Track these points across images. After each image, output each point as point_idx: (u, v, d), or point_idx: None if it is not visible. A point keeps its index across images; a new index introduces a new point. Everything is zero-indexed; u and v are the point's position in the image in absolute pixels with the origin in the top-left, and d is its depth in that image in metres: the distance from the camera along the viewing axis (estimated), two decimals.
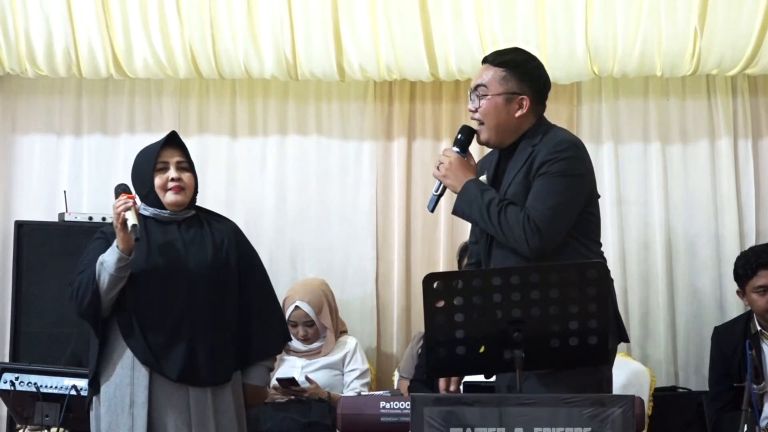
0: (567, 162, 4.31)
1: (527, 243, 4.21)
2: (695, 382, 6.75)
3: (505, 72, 4.45)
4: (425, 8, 6.62)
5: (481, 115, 4.44)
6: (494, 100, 4.42)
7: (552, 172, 4.29)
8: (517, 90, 4.43)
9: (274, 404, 6.24)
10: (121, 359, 4.76)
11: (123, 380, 4.75)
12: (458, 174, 4.42)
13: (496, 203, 4.27)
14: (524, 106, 4.42)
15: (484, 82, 4.45)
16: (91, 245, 4.82)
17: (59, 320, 6.57)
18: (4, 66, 6.94)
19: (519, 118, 4.42)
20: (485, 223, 4.32)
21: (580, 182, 4.34)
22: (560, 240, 4.25)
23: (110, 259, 4.62)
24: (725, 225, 6.91)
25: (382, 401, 4.63)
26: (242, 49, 6.76)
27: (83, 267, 4.74)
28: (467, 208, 4.37)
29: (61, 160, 7.30)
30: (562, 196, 4.27)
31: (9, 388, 5.63)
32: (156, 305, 4.74)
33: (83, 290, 4.66)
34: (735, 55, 6.53)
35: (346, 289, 6.98)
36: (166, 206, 4.84)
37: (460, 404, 3.72)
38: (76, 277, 4.72)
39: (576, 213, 4.31)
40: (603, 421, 3.62)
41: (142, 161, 4.91)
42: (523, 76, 4.46)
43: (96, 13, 6.74)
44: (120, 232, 4.61)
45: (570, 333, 3.95)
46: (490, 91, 4.43)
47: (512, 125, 4.43)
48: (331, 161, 7.21)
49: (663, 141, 7.00)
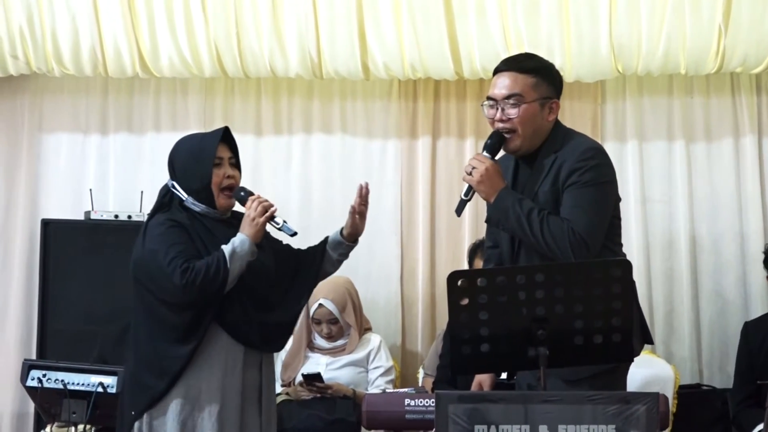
0: (596, 170, 4.33)
1: (573, 254, 4.23)
2: (719, 379, 6.75)
3: (535, 78, 4.45)
4: (450, 7, 6.63)
5: (518, 123, 4.41)
6: (532, 108, 4.42)
7: (584, 182, 4.30)
8: (548, 94, 4.45)
9: (300, 402, 6.27)
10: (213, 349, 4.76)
11: (216, 369, 4.76)
12: (493, 182, 4.40)
13: (537, 213, 4.27)
14: (555, 110, 4.45)
15: (519, 91, 4.43)
16: (171, 233, 4.72)
17: (85, 318, 6.61)
18: (31, 65, 6.97)
19: (550, 122, 4.45)
20: (524, 232, 4.32)
21: (610, 189, 4.38)
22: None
23: (243, 249, 4.66)
24: (749, 223, 6.92)
25: (406, 398, 4.61)
26: (267, 47, 6.78)
27: (185, 254, 4.67)
28: (503, 217, 4.37)
29: (88, 158, 7.33)
30: (598, 205, 4.31)
31: (36, 385, 5.64)
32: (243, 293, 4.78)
33: (213, 273, 4.61)
34: (759, 53, 6.53)
35: (371, 286, 7.00)
36: (218, 207, 4.83)
37: (485, 402, 3.73)
38: (179, 260, 4.62)
39: (609, 219, 4.33)
40: (627, 419, 3.62)
41: (196, 154, 4.85)
42: (551, 80, 4.49)
43: (122, 13, 6.76)
44: (260, 227, 4.70)
45: (594, 330, 3.95)
46: (526, 99, 4.42)
47: (545, 130, 4.45)
48: (355, 159, 7.23)
49: (687, 139, 7.01)
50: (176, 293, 4.63)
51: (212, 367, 4.75)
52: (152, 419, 4.74)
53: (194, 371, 4.74)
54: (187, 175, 4.83)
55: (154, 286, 4.73)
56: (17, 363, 6.45)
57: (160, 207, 4.87)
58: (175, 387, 4.72)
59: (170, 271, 4.61)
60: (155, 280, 4.71)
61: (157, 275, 4.68)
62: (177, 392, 4.73)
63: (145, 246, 4.76)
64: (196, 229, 4.78)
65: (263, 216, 4.70)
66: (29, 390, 5.74)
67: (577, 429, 3.64)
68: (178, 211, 4.81)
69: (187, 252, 4.66)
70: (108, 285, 6.54)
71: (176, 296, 4.64)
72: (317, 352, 6.55)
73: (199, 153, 4.83)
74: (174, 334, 4.72)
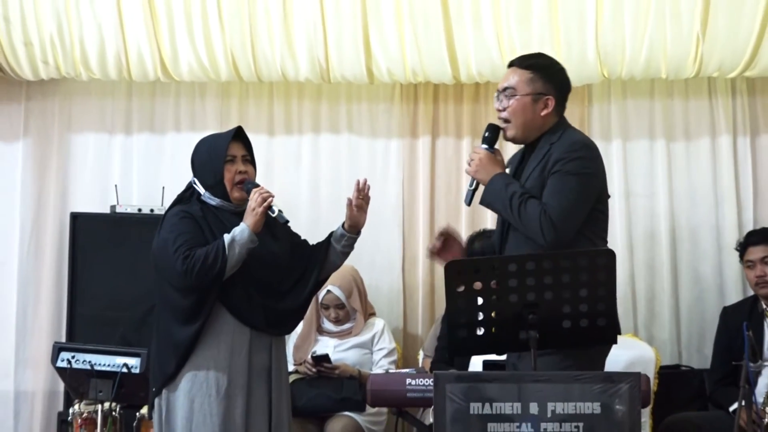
0: (579, 162, 4.32)
1: (543, 236, 4.23)
2: (697, 360, 6.74)
3: (532, 74, 4.47)
4: (448, 16, 6.61)
5: (510, 114, 4.47)
6: (522, 100, 4.45)
7: (565, 170, 4.30)
8: (543, 91, 4.45)
9: (309, 381, 6.26)
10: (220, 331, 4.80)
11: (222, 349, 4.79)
12: (487, 168, 4.46)
13: (518, 196, 4.29)
14: (549, 106, 4.44)
15: (512, 84, 4.48)
16: (181, 223, 4.79)
17: (111, 304, 6.61)
18: (61, 70, 6.97)
19: (544, 116, 4.45)
20: (507, 213, 4.35)
21: (591, 181, 4.34)
22: (573, 233, 4.26)
23: (242, 237, 4.70)
24: (725, 216, 6.90)
25: (408, 378, 4.62)
26: (279, 54, 6.77)
27: (191, 242, 4.73)
28: (492, 200, 4.41)
29: (113, 156, 7.31)
30: (574, 193, 4.28)
31: (66, 365, 5.66)
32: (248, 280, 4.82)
33: (212, 261, 4.66)
34: (735, 59, 6.52)
35: (375, 274, 6.98)
36: (233, 200, 4.88)
37: (480, 381, 3.73)
38: (183, 248, 4.69)
39: (587, 210, 4.31)
40: (612, 396, 3.61)
41: (211, 152, 4.91)
42: (549, 78, 4.49)
43: (144, 21, 6.75)
44: (260, 216, 4.72)
45: (580, 315, 3.96)
46: (518, 92, 4.46)
47: (537, 123, 4.46)
48: (360, 158, 7.22)
49: (668, 138, 6.99)
50: (178, 278, 4.71)
51: (220, 348, 4.79)
52: (169, 395, 4.80)
53: (203, 351, 4.78)
54: (203, 171, 4.91)
55: (165, 272, 4.81)
56: (48, 345, 6.47)
57: (179, 200, 4.96)
58: (186, 365, 4.77)
59: (174, 258, 4.69)
60: (166, 266, 4.78)
61: (166, 262, 4.76)
62: (187, 370, 4.78)
63: (160, 236, 4.84)
64: (207, 221, 4.84)
65: (261, 206, 4.74)
66: (59, 370, 5.76)
67: (565, 406, 3.63)
68: (194, 205, 4.88)
69: (192, 241, 4.72)
70: (131, 273, 6.54)
71: (179, 281, 4.72)
72: (326, 335, 6.55)
73: (213, 151, 4.90)
74: (181, 316, 4.78)
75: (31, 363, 7.15)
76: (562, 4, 6.53)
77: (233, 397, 4.79)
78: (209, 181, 4.88)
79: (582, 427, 3.61)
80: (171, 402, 4.80)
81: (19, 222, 7.26)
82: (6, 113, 7.36)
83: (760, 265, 5.87)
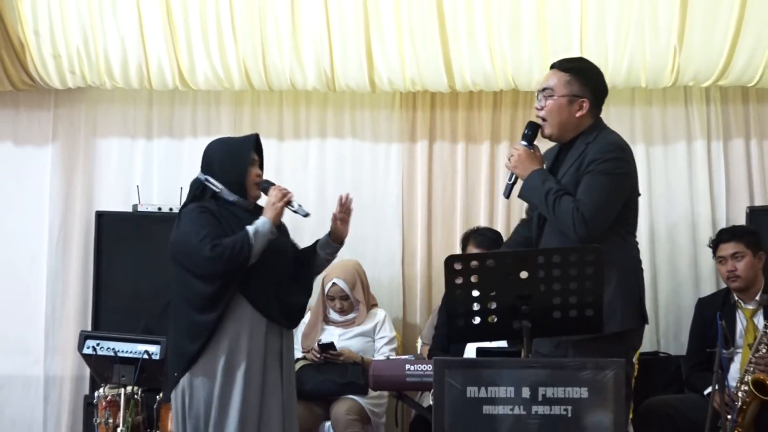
0: (612, 162, 4.33)
1: (575, 230, 4.25)
2: (674, 347, 6.73)
3: (570, 77, 4.47)
4: (444, 30, 6.60)
5: (547, 113, 4.48)
6: (559, 101, 4.45)
7: (599, 170, 4.31)
8: (578, 93, 4.45)
9: (315, 367, 6.25)
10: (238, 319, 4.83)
11: (240, 336, 4.82)
12: (526, 164, 4.47)
13: (554, 192, 4.31)
14: (584, 108, 4.45)
15: (551, 86, 4.48)
16: (201, 217, 4.83)
17: (133, 295, 6.59)
18: (86, 79, 6.95)
19: (579, 117, 4.45)
20: (543, 208, 4.37)
21: (622, 180, 4.36)
22: (604, 229, 4.28)
23: (264, 228, 4.80)
24: (700, 214, 6.90)
25: (407, 364, 4.61)
26: (288, 64, 6.75)
27: (215, 233, 4.77)
28: (530, 194, 4.44)
29: (135, 159, 7.29)
30: (606, 192, 4.29)
31: (91, 352, 5.67)
32: (265, 272, 4.87)
33: (239, 248, 4.72)
34: (709, 70, 6.52)
35: (377, 268, 6.96)
36: (250, 198, 4.98)
37: (476, 367, 3.72)
38: (209, 238, 4.74)
39: (618, 208, 4.33)
40: (598, 382, 3.61)
41: (234, 154, 4.97)
42: (586, 81, 4.49)
43: (164, 35, 6.74)
44: (279, 209, 4.86)
45: (570, 306, 3.95)
46: (555, 93, 4.46)
47: (573, 123, 4.46)
48: (363, 161, 7.20)
49: (647, 143, 6.98)
50: (206, 265, 4.74)
51: (239, 334, 4.81)
52: (192, 378, 4.79)
53: (223, 337, 4.80)
54: (225, 170, 4.94)
55: (188, 262, 4.82)
56: (75, 334, 6.45)
57: (193, 198, 4.97)
58: (207, 349, 4.78)
59: (201, 247, 4.72)
60: (189, 256, 4.79)
61: (190, 252, 4.78)
62: (209, 354, 4.79)
63: (179, 229, 4.86)
64: (223, 215, 4.88)
65: (281, 201, 4.85)
66: (85, 357, 5.76)
67: (554, 390, 3.63)
68: (209, 201, 4.91)
69: (214, 232, 4.76)
70: (152, 267, 6.52)
71: (205, 268, 4.74)
72: (331, 324, 6.54)
73: (238, 153, 4.96)
74: (202, 303, 4.79)
75: (59, 350, 7.14)
76: (550, 19, 6.52)
77: (250, 380, 4.81)
78: (232, 179, 4.92)
79: (570, 410, 3.61)
80: (194, 385, 4.80)
81: (48, 220, 7.25)
82: (36, 119, 7.34)
83: (730, 261, 5.86)
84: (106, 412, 5.53)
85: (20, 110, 7.36)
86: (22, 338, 7.16)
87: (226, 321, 4.80)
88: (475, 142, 7.04)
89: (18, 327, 7.15)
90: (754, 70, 6.49)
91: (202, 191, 4.95)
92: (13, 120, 7.35)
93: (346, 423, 6.08)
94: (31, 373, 7.16)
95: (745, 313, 5.82)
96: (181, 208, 5.01)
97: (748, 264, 5.82)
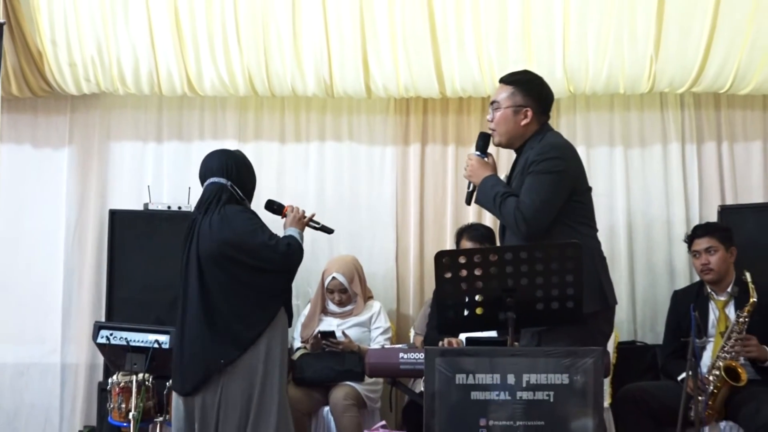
0: (549, 162, 4.33)
1: (518, 228, 4.26)
2: (650, 337, 6.73)
3: (513, 89, 4.52)
4: (435, 40, 6.60)
5: (495, 124, 4.53)
6: (505, 112, 4.50)
7: (537, 170, 4.32)
8: (522, 103, 4.48)
9: (315, 355, 6.26)
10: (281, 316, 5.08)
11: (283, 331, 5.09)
12: (478, 172, 4.52)
13: (500, 195, 4.35)
14: (528, 116, 4.47)
15: (498, 99, 4.54)
16: (257, 219, 5.08)
17: (144, 288, 6.58)
18: (100, 86, 6.94)
19: (524, 126, 4.48)
20: (493, 210, 4.43)
21: (561, 177, 4.33)
22: (546, 226, 4.26)
23: (299, 237, 5.15)
24: (675, 212, 6.90)
25: (401, 353, 4.61)
26: (289, 72, 6.75)
27: (274, 236, 5.04)
28: (482, 200, 4.48)
29: (146, 161, 7.28)
30: (544, 189, 4.29)
31: (105, 342, 5.66)
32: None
33: (300, 250, 5.08)
34: (683, 77, 6.51)
35: (372, 263, 6.96)
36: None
37: (464, 355, 3.72)
38: (275, 238, 5.01)
39: (559, 203, 4.31)
40: (578, 369, 3.61)
41: (252, 170, 5.26)
42: (529, 91, 4.51)
43: (173, 44, 6.73)
44: (304, 225, 5.28)
45: (552, 298, 3.96)
46: (501, 105, 4.51)
47: (519, 131, 4.49)
48: (360, 162, 7.19)
49: (625, 146, 6.98)
50: (281, 261, 4.97)
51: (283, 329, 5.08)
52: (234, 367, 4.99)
53: (271, 330, 5.01)
54: (245, 181, 5.18)
55: (257, 260, 4.97)
56: (90, 325, 6.47)
57: (229, 201, 5.10)
58: (261, 337, 4.98)
59: (273, 244, 4.96)
60: (261, 253, 4.96)
61: (261, 249, 4.96)
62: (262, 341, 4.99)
63: (233, 229, 4.97)
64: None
65: (306, 218, 5.28)
66: (99, 346, 5.75)
67: (537, 377, 3.64)
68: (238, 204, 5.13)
69: (271, 233, 5.06)
70: (162, 261, 6.51)
71: (280, 263, 4.98)
72: (330, 315, 6.54)
73: (252, 169, 5.28)
74: (271, 295, 5.03)
75: (75, 339, 7.13)
76: (534, 29, 6.51)
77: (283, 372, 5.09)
78: (250, 189, 5.21)
79: (552, 395, 3.61)
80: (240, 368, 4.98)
81: (65, 218, 7.24)
82: (54, 124, 7.33)
83: (704, 255, 5.87)
84: (119, 397, 5.51)
85: (38, 115, 7.34)
86: (40, 328, 7.15)
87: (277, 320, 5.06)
88: (464, 144, 7.03)
89: (36, 318, 7.14)
90: (726, 77, 6.49)
91: (229, 196, 5.09)
92: (32, 124, 7.34)
93: (343, 407, 6.08)
94: (49, 361, 7.15)
95: (718, 305, 5.82)
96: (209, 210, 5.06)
97: (721, 258, 5.84)
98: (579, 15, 6.47)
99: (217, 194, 5.05)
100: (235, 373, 4.95)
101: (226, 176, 5.07)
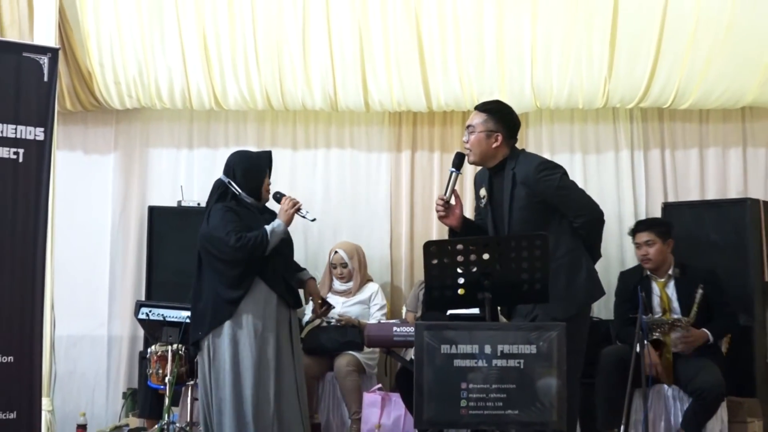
0: (554, 175, 4.47)
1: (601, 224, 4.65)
2: (604, 313, 6.69)
3: (487, 116, 4.52)
4: (423, 62, 6.59)
5: (470, 145, 4.52)
6: (479, 136, 4.49)
7: (558, 186, 4.45)
8: (494, 128, 4.48)
9: (321, 329, 6.25)
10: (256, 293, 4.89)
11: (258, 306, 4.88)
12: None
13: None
14: (499, 140, 4.47)
15: (473, 123, 4.53)
16: (228, 215, 4.89)
17: (177, 272, 6.53)
18: (141, 101, 6.94)
19: (495, 148, 4.49)
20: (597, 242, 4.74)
21: (568, 177, 4.56)
22: (599, 207, 4.56)
23: (279, 229, 4.92)
24: (625, 209, 6.90)
25: (394, 327, 4.60)
26: (300, 90, 6.74)
27: (238, 228, 4.84)
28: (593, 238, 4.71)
29: (179, 165, 7.28)
30: (575, 193, 4.54)
31: (145, 317, 5.68)
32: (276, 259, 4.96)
33: (258, 243, 4.82)
34: (632, 94, 6.51)
35: (370, 251, 6.91)
36: (262, 201, 5.07)
37: (447, 329, 3.70)
38: (233, 232, 4.80)
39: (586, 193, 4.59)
40: (545, 340, 3.61)
41: (256, 167, 5.05)
42: (500, 119, 4.52)
43: (202, 66, 6.72)
44: (291, 215, 4.97)
45: (522, 282, 3.94)
46: (476, 130, 4.50)
47: (491, 153, 4.50)
48: (359, 167, 7.19)
49: (583, 153, 6.97)
50: (230, 252, 4.80)
51: (256, 304, 4.87)
52: (214, 340, 4.90)
53: (244, 306, 4.87)
54: (247, 178, 5.01)
55: (216, 250, 4.87)
56: (132, 303, 6.46)
57: (219, 198, 5.02)
58: (232, 318, 4.87)
59: (227, 238, 4.80)
60: (217, 245, 4.85)
61: (218, 242, 4.84)
62: (232, 320, 4.86)
63: (209, 224, 4.93)
64: (242, 213, 4.95)
65: (293, 208, 4.98)
66: (140, 321, 5.76)
67: (510, 348, 3.63)
68: (231, 202, 4.97)
69: (237, 227, 4.83)
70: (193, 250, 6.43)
71: (231, 254, 4.81)
72: (335, 294, 6.53)
73: (257, 167, 5.06)
74: (230, 282, 4.86)
75: (119, 315, 7.12)
76: (507, 54, 6.49)
77: (266, 338, 4.86)
78: (251, 186, 5.01)
79: (523, 362, 3.60)
80: (217, 345, 4.87)
81: (111, 213, 7.24)
82: (101, 134, 7.33)
83: (644, 246, 5.87)
84: (157, 364, 5.51)
85: (88, 126, 7.33)
86: (90, 306, 7.14)
87: (248, 297, 4.86)
88: (448, 151, 7.01)
89: (87, 297, 7.13)
90: (668, 95, 6.48)
91: (225, 192, 5.01)
92: (83, 134, 7.34)
93: (345, 373, 6.08)
94: (97, 333, 7.14)
95: (659, 285, 5.83)
96: (209, 206, 5.03)
97: (658, 249, 5.84)
98: (544, 41, 6.45)
99: (215, 190, 5.06)
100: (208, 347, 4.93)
101: (225, 174, 5.07)
